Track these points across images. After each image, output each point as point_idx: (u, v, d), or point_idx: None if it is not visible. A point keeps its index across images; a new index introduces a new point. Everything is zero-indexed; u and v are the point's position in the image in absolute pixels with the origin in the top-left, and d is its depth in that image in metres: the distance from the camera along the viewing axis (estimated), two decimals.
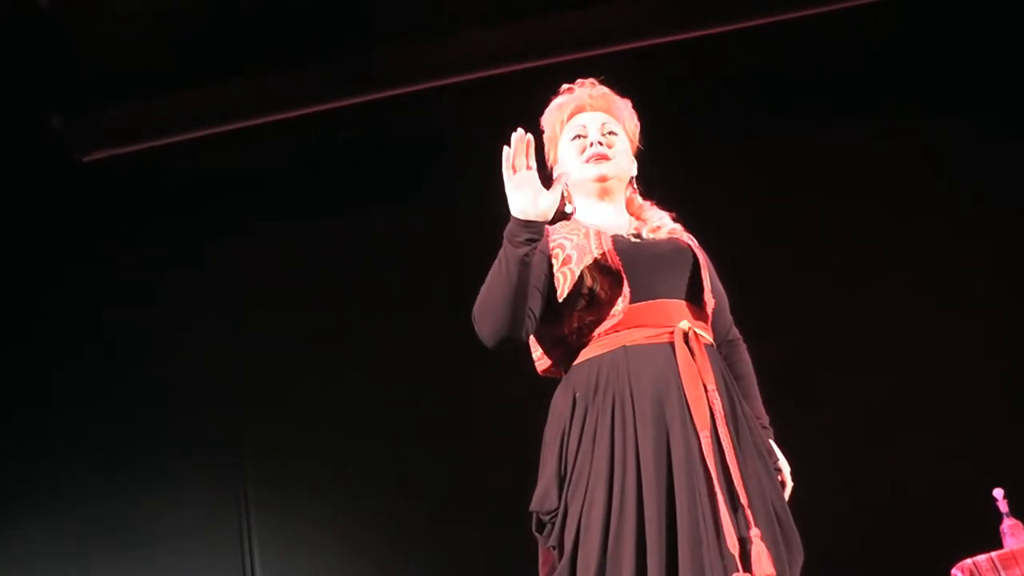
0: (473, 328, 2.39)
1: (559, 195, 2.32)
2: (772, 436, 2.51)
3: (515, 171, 2.26)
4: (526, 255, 2.28)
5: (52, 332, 5.04)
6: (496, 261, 2.34)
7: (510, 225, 2.30)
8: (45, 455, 4.91)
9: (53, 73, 4.83)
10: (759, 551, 2.15)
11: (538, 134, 2.64)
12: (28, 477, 4.90)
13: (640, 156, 2.63)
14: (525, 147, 2.26)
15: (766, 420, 2.53)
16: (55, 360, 5.02)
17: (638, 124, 2.65)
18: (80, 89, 4.88)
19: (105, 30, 4.71)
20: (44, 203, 5.08)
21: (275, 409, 4.97)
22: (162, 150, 5.06)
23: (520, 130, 2.26)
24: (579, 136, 2.57)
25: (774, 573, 2.14)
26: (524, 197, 2.27)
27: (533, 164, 2.26)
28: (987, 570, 3.61)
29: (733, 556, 2.14)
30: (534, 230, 2.29)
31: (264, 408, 4.97)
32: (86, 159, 5.03)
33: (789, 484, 2.47)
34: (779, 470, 2.44)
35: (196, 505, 4.87)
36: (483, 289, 2.37)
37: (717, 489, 2.19)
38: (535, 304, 2.36)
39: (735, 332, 2.62)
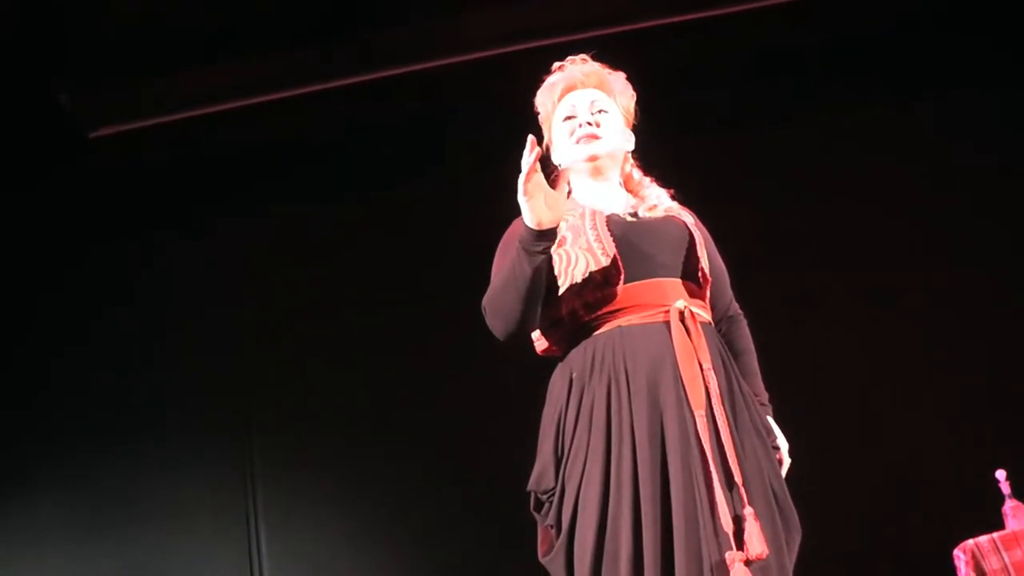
0: (478, 313, 2.40)
1: (566, 192, 2.31)
2: (771, 413, 2.50)
3: (528, 182, 2.21)
4: (542, 262, 2.28)
5: (58, 310, 5.06)
6: (511, 262, 2.32)
7: (525, 235, 2.27)
8: (55, 433, 4.93)
9: (60, 50, 4.82)
10: (752, 530, 2.14)
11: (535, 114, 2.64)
12: (38, 455, 4.92)
13: (641, 133, 2.62)
14: (537, 153, 2.20)
15: (765, 397, 2.52)
16: (62, 338, 5.03)
17: (634, 96, 2.62)
18: (87, 66, 4.87)
19: (113, 6, 4.70)
20: (51, 179, 5.09)
21: (282, 387, 4.98)
22: (169, 127, 5.06)
23: (530, 137, 2.20)
24: (569, 117, 2.55)
25: (768, 552, 2.14)
26: (538, 207, 2.23)
27: (538, 166, 2.21)
28: (989, 551, 3.61)
29: (728, 535, 2.14)
30: (550, 239, 2.28)
31: (271, 387, 4.99)
32: (93, 135, 5.03)
33: (787, 462, 2.47)
34: (777, 448, 2.43)
35: (203, 483, 4.88)
36: (496, 288, 2.36)
37: (712, 468, 2.18)
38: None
39: (735, 308, 2.60)
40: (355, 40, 4.90)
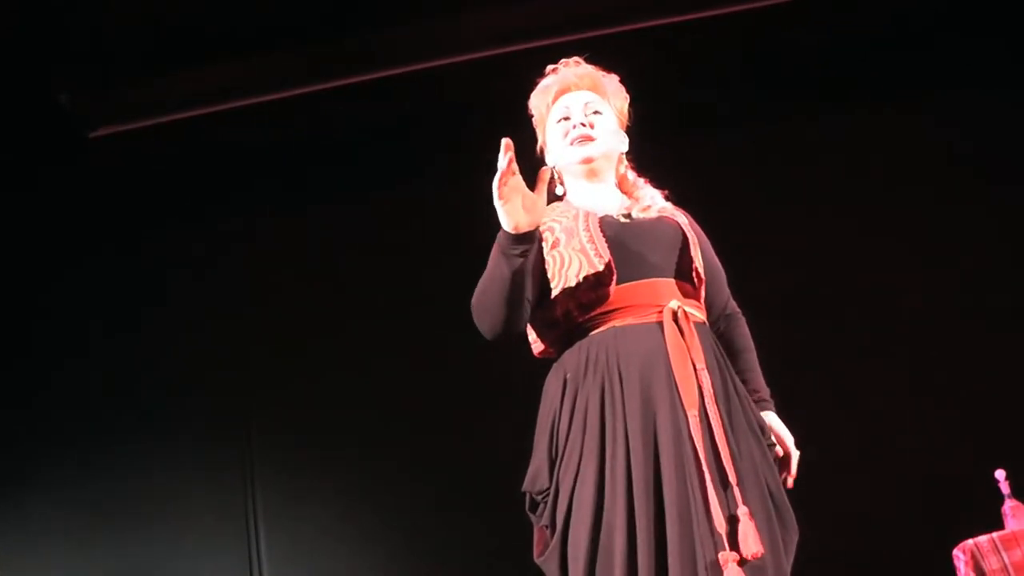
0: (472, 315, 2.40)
1: (545, 195, 2.29)
2: (774, 407, 2.50)
3: (504, 185, 2.20)
4: (522, 265, 2.28)
5: (59, 310, 5.06)
6: (492, 264, 2.33)
7: (503, 239, 2.28)
8: (55, 433, 4.93)
9: (60, 50, 4.82)
10: (747, 529, 2.14)
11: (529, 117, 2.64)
12: (38, 455, 4.92)
13: (636, 134, 2.62)
14: (510, 156, 2.18)
15: (766, 393, 2.52)
16: (62, 338, 5.03)
17: (627, 98, 2.63)
18: (87, 66, 4.87)
19: (113, 6, 4.70)
20: (51, 179, 5.09)
21: (282, 387, 4.98)
22: (169, 127, 5.06)
23: (505, 140, 2.18)
24: (563, 119, 2.56)
25: (763, 551, 2.13)
26: (514, 210, 2.23)
27: (515, 168, 2.21)
28: (988, 551, 3.61)
29: (721, 535, 2.13)
30: (528, 241, 2.28)
31: (271, 387, 4.98)
32: (92, 135, 5.03)
33: (795, 454, 2.46)
34: (772, 445, 2.42)
35: (203, 483, 4.88)
36: (480, 289, 2.37)
37: (705, 468, 2.18)
38: (531, 293, 2.36)
39: (733, 306, 2.61)
40: (355, 40, 4.90)
